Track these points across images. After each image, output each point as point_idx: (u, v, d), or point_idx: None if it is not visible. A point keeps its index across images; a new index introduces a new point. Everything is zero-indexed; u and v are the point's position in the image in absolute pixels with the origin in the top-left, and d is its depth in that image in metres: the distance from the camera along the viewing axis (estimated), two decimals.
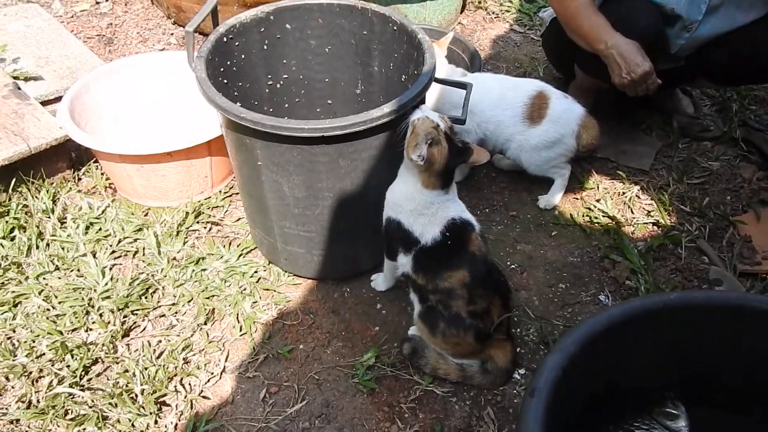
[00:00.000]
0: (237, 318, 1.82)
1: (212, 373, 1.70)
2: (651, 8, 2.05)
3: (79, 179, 2.25)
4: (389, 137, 1.55)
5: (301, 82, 2.03)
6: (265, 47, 1.88)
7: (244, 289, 1.89)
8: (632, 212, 2.19)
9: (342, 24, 1.89)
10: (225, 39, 1.75)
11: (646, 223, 2.15)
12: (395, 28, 1.80)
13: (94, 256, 1.96)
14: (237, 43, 1.79)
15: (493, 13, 3.33)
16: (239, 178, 1.80)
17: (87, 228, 2.05)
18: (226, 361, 1.73)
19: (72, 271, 1.92)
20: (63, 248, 1.98)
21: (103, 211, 2.11)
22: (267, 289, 1.91)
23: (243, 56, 1.83)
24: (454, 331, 1.57)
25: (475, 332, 1.57)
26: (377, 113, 1.46)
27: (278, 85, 1.99)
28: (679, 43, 2.14)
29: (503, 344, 1.65)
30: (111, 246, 2.00)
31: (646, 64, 1.96)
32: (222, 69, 1.76)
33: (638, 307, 1.33)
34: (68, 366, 1.66)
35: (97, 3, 3.28)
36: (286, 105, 2.06)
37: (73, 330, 1.77)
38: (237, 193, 2.21)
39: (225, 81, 1.78)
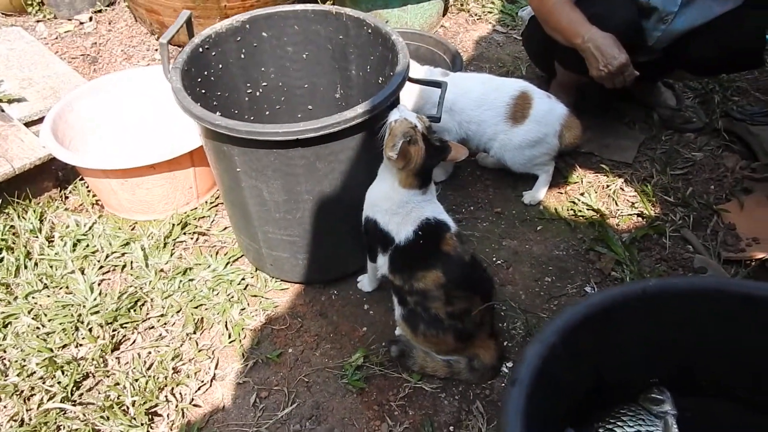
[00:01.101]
0: (225, 326, 1.83)
1: (202, 381, 1.70)
2: (626, 2, 2.08)
3: (66, 197, 2.27)
4: (366, 138, 1.57)
5: (281, 88, 2.05)
6: (243, 56, 1.90)
7: (232, 297, 1.90)
8: (616, 204, 2.21)
9: (318, 30, 1.92)
10: (201, 49, 1.77)
11: (631, 215, 2.16)
12: (369, 31, 1.82)
13: (83, 272, 1.98)
14: (213, 53, 1.81)
15: (476, 14, 3.35)
16: (221, 186, 1.81)
17: (75, 245, 2.06)
18: (216, 368, 1.74)
19: (61, 288, 1.93)
20: (51, 266, 1.99)
21: (90, 228, 2.13)
22: (255, 296, 1.92)
23: (220, 66, 1.85)
24: (433, 331, 1.59)
25: (454, 333, 1.58)
26: (351, 114, 1.48)
27: (258, 93, 2.01)
28: (656, 35, 2.16)
29: (488, 342, 1.66)
30: (99, 261, 2.01)
31: (623, 56, 1.98)
32: (199, 79, 1.78)
33: (617, 295, 1.33)
34: (59, 382, 1.67)
35: (81, 23, 3.31)
36: (267, 112, 2.07)
37: (63, 346, 1.78)
38: (223, 203, 2.23)
39: (203, 91, 1.80)
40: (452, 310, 1.56)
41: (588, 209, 2.18)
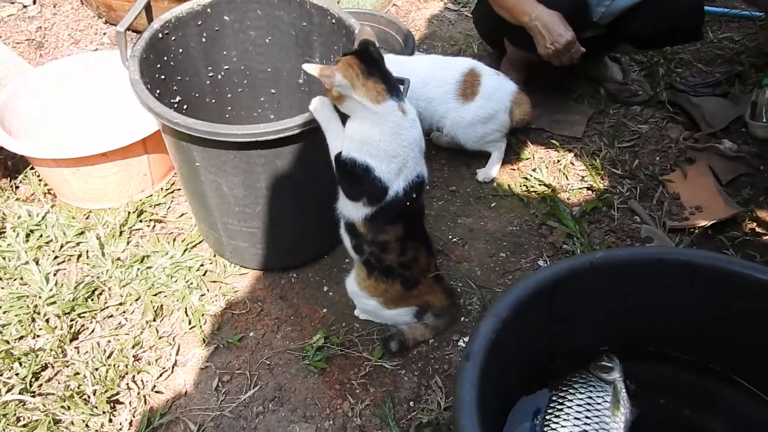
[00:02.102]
0: (185, 312, 1.84)
1: (164, 368, 1.71)
2: None
3: (17, 187, 2.23)
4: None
5: (243, 72, 2.03)
6: (204, 40, 1.88)
7: (191, 283, 1.91)
8: (567, 179, 2.27)
9: (281, 15, 1.90)
10: (160, 35, 1.74)
11: (581, 189, 2.23)
12: (333, 21, 1.81)
13: (37, 263, 1.95)
14: (173, 38, 1.79)
15: None
16: (180, 176, 1.81)
17: (27, 236, 2.03)
18: (177, 354, 1.75)
19: (15, 280, 1.91)
20: (4, 258, 1.96)
21: (43, 218, 2.10)
22: (214, 282, 1.92)
23: (180, 50, 1.83)
24: (384, 279, 1.62)
25: (402, 280, 1.63)
26: (310, 117, 1.49)
27: (219, 77, 2.00)
28: (600, 11, 2.21)
29: (434, 287, 1.71)
30: (53, 252, 1.99)
31: (569, 33, 2.03)
32: (159, 66, 1.76)
33: (565, 268, 1.39)
34: (17, 374, 1.66)
35: (25, 7, 3.20)
36: (229, 95, 2.06)
37: (20, 338, 1.76)
38: (179, 189, 2.22)
39: (162, 77, 1.78)
40: (404, 260, 1.60)
41: (540, 185, 2.24)
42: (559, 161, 2.34)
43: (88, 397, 1.63)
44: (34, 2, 3.22)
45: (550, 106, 2.55)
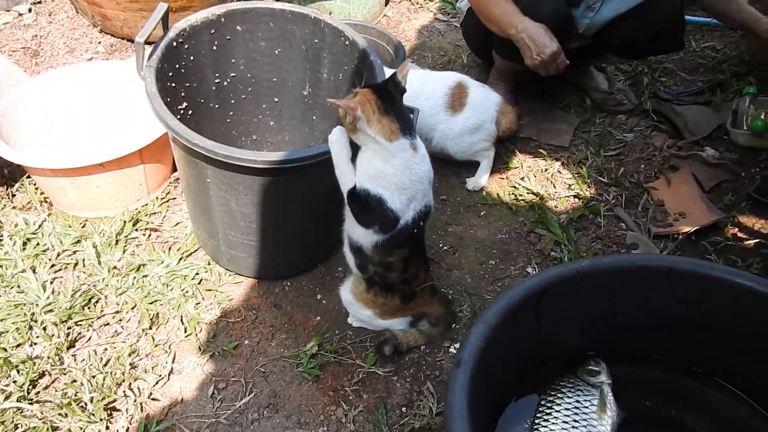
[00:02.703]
0: (181, 320, 1.86)
1: (160, 376, 1.74)
2: None
3: (13, 195, 2.25)
4: None
5: (249, 80, 2.07)
6: (215, 48, 1.91)
7: (187, 292, 1.94)
8: (554, 187, 2.32)
9: (293, 30, 1.94)
10: (175, 44, 1.76)
11: (568, 197, 2.28)
12: (347, 43, 1.85)
13: (34, 271, 1.98)
14: (186, 46, 1.81)
15: (417, 3, 3.41)
16: (186, 186, 1.84)
17: (24, 244, 2.05)
18: (173, 362, 1.78)
19: (12, 288, 1.93)
20: (1, 266, 1.98)
21: (39, 226, 2.12)
22: (209, 290, 1.96)
23: (192, 58, 1.86)
24: (383, 294, 1.68)
25: (401, 295, 1.69)
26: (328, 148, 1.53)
27: (225, 83, 2.03)
28: (585, 23, 2.27)
29: (431, 300, 1.77)
30: (50, 260, 2.01)
31: (554, 44, 2.09)
32: (171, 74, 1.78)
33: (553, 276, 1.43)
34: (14, 381, 1.68)
35: (20, 15, 3.22)
36: (233, 101, 2.09)
37: (17, 346, 1.79)
38: (174, 198, 2.25)
39: (173, 85, 1.81)
40: (405, 276, 1.66)
41: (528, 193, 2.29)
42: (546, 170, 2.39)
43: (85, 404, 1.65)
44: (30, 10, 3.24)
45: (537, 115, 2.60)
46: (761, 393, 1.46)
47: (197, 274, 1.99)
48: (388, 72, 1.67)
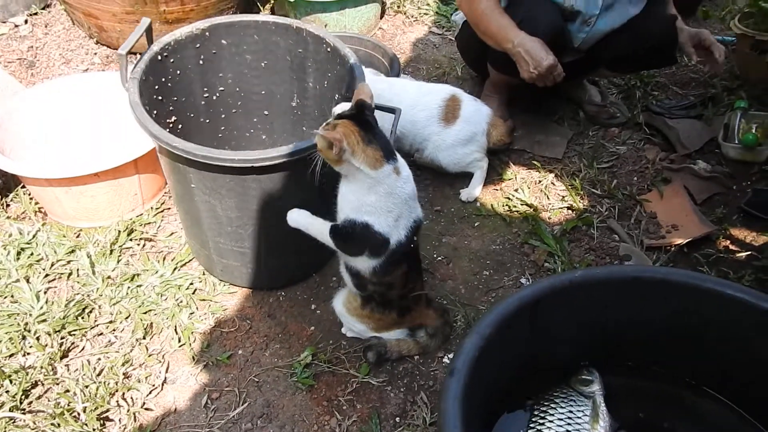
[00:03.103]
0: (175, 330, 1.86)
1: (153, 385, 1.74)
2: (551, 7, 2.20)
3: (8, 205, 2.25)
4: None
5: (238, 94, 2.09)
6: (201, 62, 1.93)
7: (181, 302, 1.94)
8: (548, 199, 2.34)
9: (277, 41, 1.97)
10: (159, 57, 1.79)
11: (561, 208, 2.30)
12: (329, 49, 1.88)
13: (28, 281, 1.97)
14: (172, 60, 1.84)
15: (412, 16, 3.44)
16: (174, 195, 1.85)
17: (18, 254, 2.05)
18: (166, 372, 1.78)
19: (5, 297, 1.93)
20: None
21: (34, 236, 2.12)
22: (203, 300, 1.96)
23: (178, 72, 1.88)
24: (381, 310, 1.70)
25: (398, 309, 1.71)
26: (307, 144, 1.53)
27: (214, 97, 2.05)
28: (581, 37, 2.30)
29: (426, 311, 1.78)
30: (44, 270, 2.01)
31: (550, 57, 2.11)
32: (156, 87, 1.81)
33: (546, 287, 1.44)
34: (7, 391, 1.67)
35: (16, 26, 3.23)
36: (223, 116, 2.11)
37: (10, 356, 1.78)
38: (169, 209, 2.25)
39: (160, 98, 1.83)
40: (403, 292, 1.67)
41: (522, 204, 2.30)
42: (540, 181, 2.40)
43: (78, 414, 1.65)
44: (26, 22, 3.26)
45: (531, 127, 2.62)
46: (753, 404, 1.47)
47: (191, 283, 1.99)
48: (368, 75, 1.66)
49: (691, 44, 2.27)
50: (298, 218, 1.63)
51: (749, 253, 2.11)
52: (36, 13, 3.33)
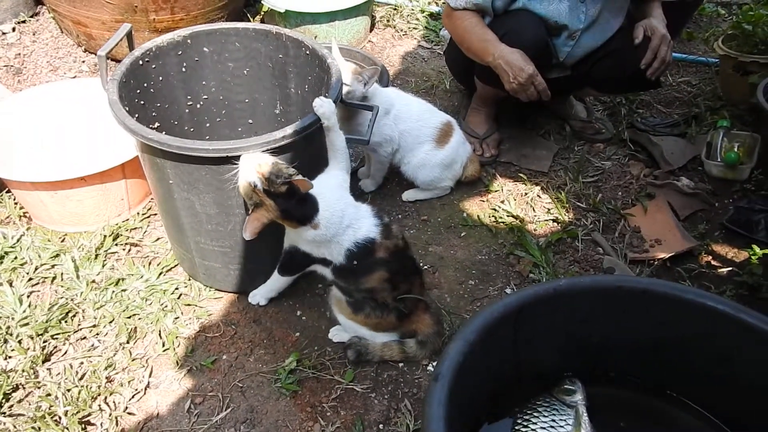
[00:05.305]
0: (159, 334, 1.85)
1: (136, 390, 1.73)
2: (535, 21, 2.24)
3: None
4: (294, 156, 1.64)
5: (222, 102, 2.10)
6: (184, 69, 1.95)
7: (166, 306, 1.93)
8: (534, 211, 2.36)
9: (258, 48, 1.98)
10: (141, 62, 1.81)
11: (547, 220, 2.32)
12: (308, 52, 1.90)
13: (11, 285, 1.96)
14: (154, 66, 1.85)
15: (402, 30, 3.48)
16: (156, 196, 1.85)
17: (2, 258, 2.04)
18: (150, 376, 1.76)
19: None
20: None
21: (18, 240, 2.11)
22: (188, 305, 1.95)
23: (161, 78, 1.89)
24: (378, 313, 1.73)
25: (397, 313, 1.73)
26: (279, 134, 1.56)
27: (198, 106, 2.06)
28: (566, 51, 2.34)
29: (423, 316, 1.80)
30: (28, 274, 2.00)
31: (530, 67, 2.14)
32: (138, 91, 1.82)
33: (530, 294, 1.44)
34: None
35: (4, 34, 3.23)
36: (208, 125, 2.12)
37: None
38: (155, 214, 2.25)
39: (142, 102, 1.84)
40: (397, 294, 1.70)
41: (508, 216, 2.32)
42: (526, 194, 2.43)
43: (60, 418, 1.63)
44: (14, 29, 3.26)
45: (518, 141, 2.65)
46: (732, 417, 1.48)
47: (177, 288, 1.98)
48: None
49: (642, 30, 2.29)
50: (262, 292, 1.95)
51: (730, 268, 2.14)
52: (24, 21, 3.34)
